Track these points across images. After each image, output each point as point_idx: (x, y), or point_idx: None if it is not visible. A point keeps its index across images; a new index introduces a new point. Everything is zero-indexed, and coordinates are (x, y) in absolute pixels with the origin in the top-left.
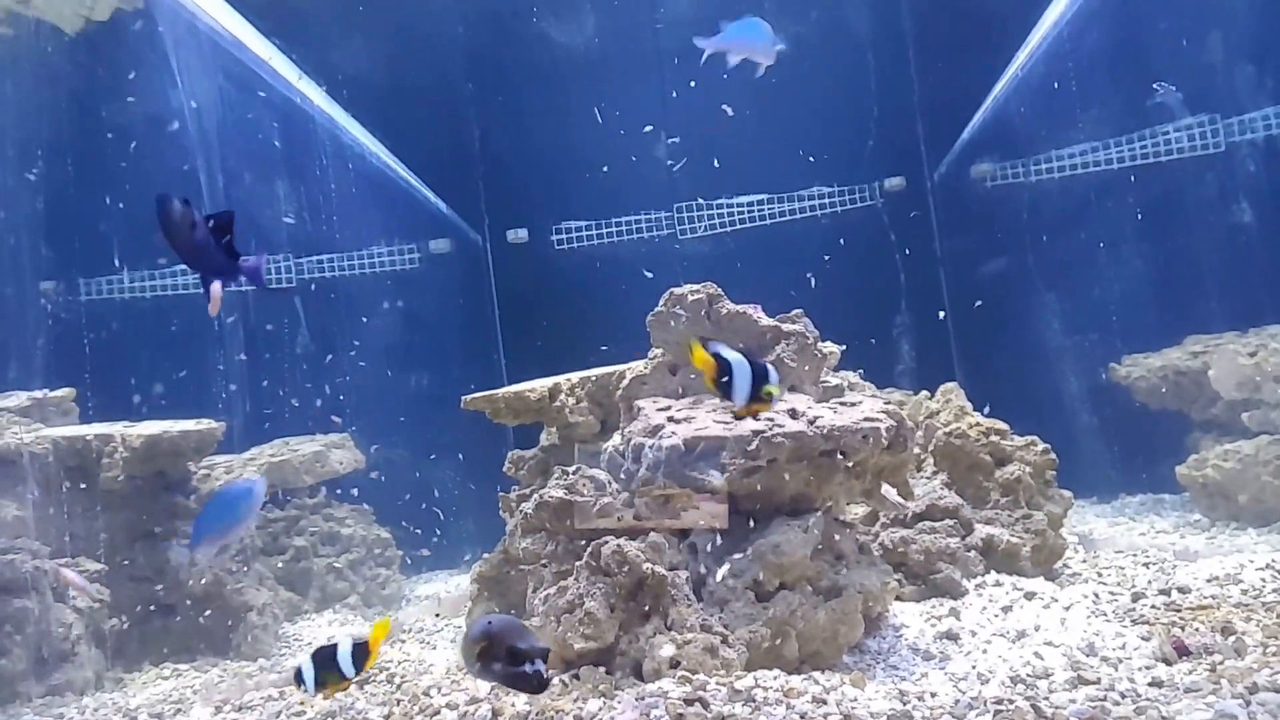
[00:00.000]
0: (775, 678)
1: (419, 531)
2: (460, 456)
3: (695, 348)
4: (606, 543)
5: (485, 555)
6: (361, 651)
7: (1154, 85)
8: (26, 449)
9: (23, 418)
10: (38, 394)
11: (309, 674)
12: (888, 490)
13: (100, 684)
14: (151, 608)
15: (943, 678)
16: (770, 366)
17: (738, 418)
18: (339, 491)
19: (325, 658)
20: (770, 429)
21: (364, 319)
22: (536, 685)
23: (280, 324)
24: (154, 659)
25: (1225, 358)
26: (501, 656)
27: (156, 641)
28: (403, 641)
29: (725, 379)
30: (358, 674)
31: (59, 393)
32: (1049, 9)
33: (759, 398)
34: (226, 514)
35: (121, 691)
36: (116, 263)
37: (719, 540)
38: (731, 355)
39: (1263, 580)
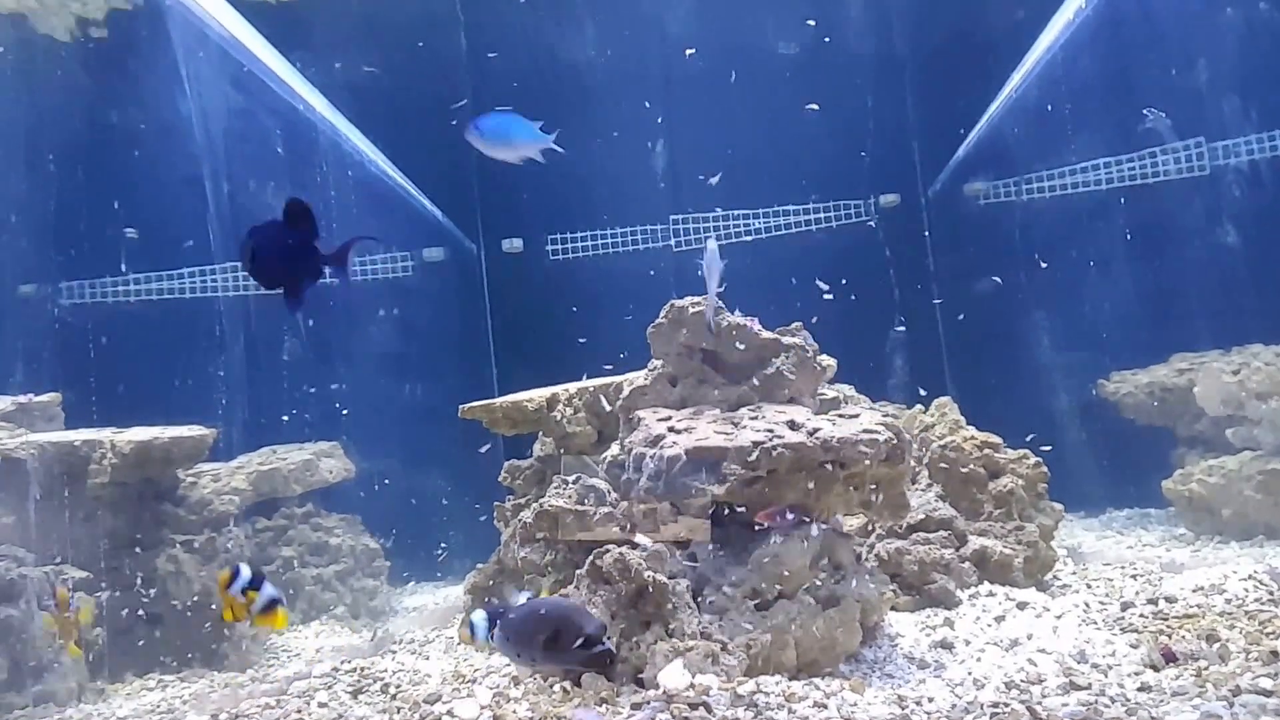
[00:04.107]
0: (777, 683)
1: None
2: (450, 466)
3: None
4: (608, 551)
5: (479, 565)
6: None
7: (1144, 111)
8: (11, 454)
9: (6, 423)
10: (22, 398)
11: (482, 627)
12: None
13: (83, 695)
14: (125, 613)
15: (939, 684)
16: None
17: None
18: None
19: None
20: (770, 440)
21: (357, 326)
22: (609, 661)
23: (273, 330)
24: (138, 669)
25: (1210, 375)
26: (570, 643)
27: (141, 652)
28: (394, 653)
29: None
30: None
31: (44, 397)
32: (1043, 34)
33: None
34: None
35: (106, 702)
36: (101, 266)
37: (720, 550)
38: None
39: (1245, 590)
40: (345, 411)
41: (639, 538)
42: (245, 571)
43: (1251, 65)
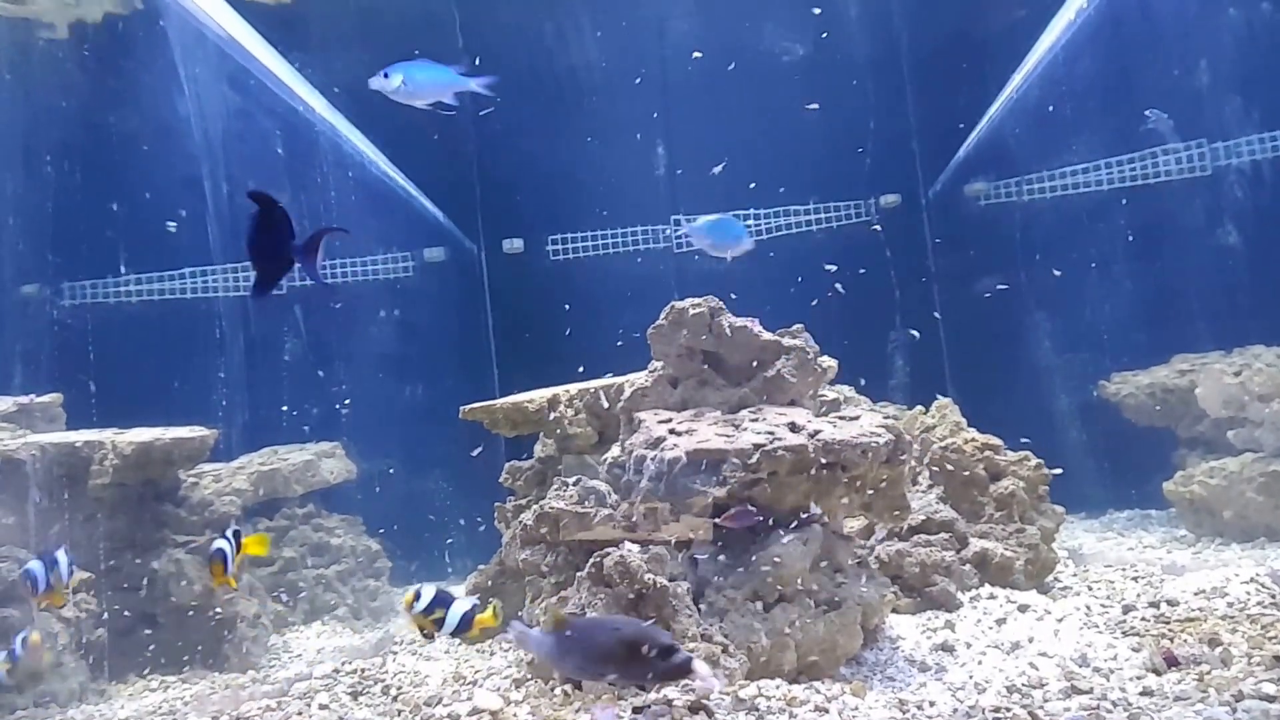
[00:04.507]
0: (777, 687)
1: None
2: (451, 467)
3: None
4: (609, 554)
5: (480, 566)
6: (466, 621)
7: (1145, 111)
8: (12, 455)
9: (7, 423)
10: (23, 399)
11: (427, 599)
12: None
13: (85, 695)
14: (126, 614)
15: (940, 688)
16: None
17: None
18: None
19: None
20: (771, 442)
21: (357, 326)
22: (689, 669)
23: (273, 330)
24: (140, 670)
25: (1212, 376)
26: (652, 657)
27: (143, 653)
28: (394, 654)
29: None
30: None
31: (45, 398)
32: (1043, 34)
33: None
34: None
35: (108, 703)
36: (101, 267)
37: (720, 552)
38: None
39: (1247, 594)
40: (347, 402)
41: (626, 543)
42: (226, 547)
43: (1253, 65)
